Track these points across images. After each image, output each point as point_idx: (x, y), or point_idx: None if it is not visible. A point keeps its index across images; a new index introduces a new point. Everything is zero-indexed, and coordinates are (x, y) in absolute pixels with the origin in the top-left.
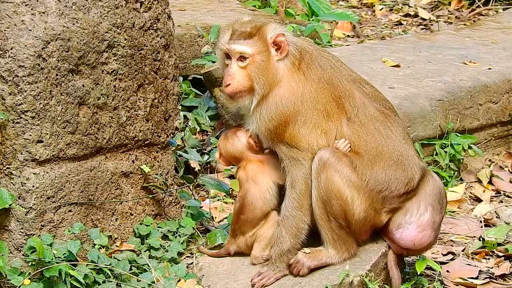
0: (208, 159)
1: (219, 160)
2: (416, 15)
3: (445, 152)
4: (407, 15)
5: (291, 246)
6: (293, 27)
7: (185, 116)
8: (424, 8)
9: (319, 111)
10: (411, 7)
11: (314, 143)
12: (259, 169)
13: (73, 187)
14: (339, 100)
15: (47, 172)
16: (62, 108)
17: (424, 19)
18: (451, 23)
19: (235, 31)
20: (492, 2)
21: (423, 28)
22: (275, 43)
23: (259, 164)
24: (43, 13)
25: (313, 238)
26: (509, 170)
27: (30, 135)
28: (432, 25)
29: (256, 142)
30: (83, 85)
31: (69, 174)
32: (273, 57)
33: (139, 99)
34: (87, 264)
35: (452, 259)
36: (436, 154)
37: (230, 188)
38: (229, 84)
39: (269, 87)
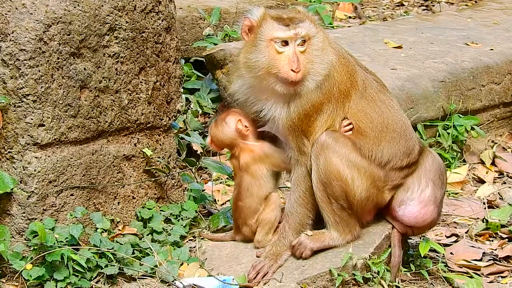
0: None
1: (211, 145)
2: None
3: (448, 133)
4: None
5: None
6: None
7: (187, 99)
8: None
9: (342, 95)
10: None
11: None
12: (251, 158)
13: (75, 171)
14: (353, 75)
15: (48, 156)
16: (64, 92)
17: (425, 0)
18: (452, 3)
19: (282, 18)
20: None
21: (425, 9)
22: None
23: (250, 153)
24: None
25: (317, 220)
26: None
27: (32, 119)
28: (433, 6)
29: (246, 127)
30: (84, 69)
31: (71, 158)
32: (325, 37)
33: (141, 82)
34: (89, 248)
35: (455, 241)
36: (439, 136)
37: (232, 171)
38: (299, 70)
39: (330, 66)
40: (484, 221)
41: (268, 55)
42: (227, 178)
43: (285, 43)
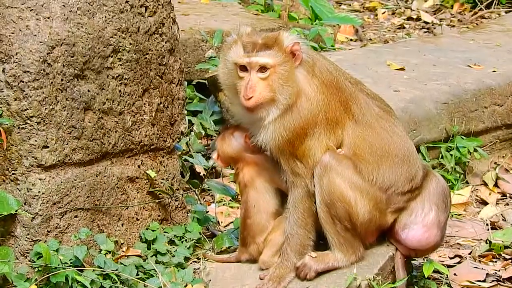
0: (213, 163)
1: (217, 161)
2: (418, 19)
3: (451, 155)
4: (409, 18)
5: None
6: (297, 31)
7: (190, 121)
8: (426, 12)
9: (331, 122)
10: (413, 10)
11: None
12: (255, 171)
13: (79, 192)
14: (347, 104)
15: (53, 178)
16: (68, 113)
17: (426, 23)
18: (453, 26)
19: (249, 43)
20: (494, 5)
21: (426, 32)
22: (291, 52)
23: (254, 167)
24: (48, 18)
25: (320, 242)
26: None
27: (36, 141)
28: (434, 28)
29: (252, 141)
30: (88, 90)
31: (75, 180)
32: (293, 67)
33: (144, 103)
34: (93, 270)
35: (459, 262)
36: (442, 157)
37: (236, 193)
38: (251, 97)
39: (293, 97)
40: (488, 242)
41: (232, 78)
42: (230, 200)
43: (245, 68)
